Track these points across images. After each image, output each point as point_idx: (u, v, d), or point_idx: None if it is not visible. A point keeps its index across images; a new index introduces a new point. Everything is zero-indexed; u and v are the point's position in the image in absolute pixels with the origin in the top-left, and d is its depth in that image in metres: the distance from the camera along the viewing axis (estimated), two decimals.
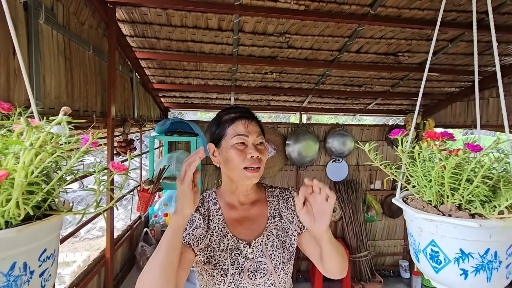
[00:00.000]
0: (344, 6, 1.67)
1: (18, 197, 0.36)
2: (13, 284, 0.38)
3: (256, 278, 0.82)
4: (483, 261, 0.46)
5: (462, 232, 0.47)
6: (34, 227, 0.39)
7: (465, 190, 0.49)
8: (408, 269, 3.43)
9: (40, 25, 1.04)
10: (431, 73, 2.47)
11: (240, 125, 0.84)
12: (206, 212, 0.88)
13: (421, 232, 0.53)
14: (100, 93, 1.56)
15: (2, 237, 0.37)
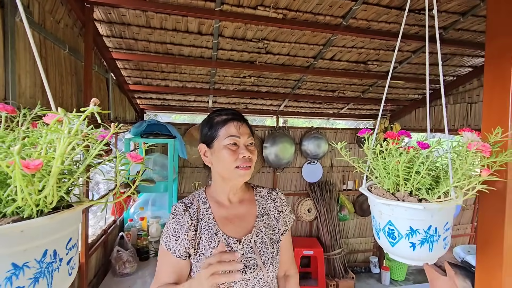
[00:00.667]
0: (319, 17, 1.78)
1: (54, 184, 0.38)
2: (45, 270, 0.40)
3: (246, 274, 0.85)
4: (426, 236, 0.56)
5: (411, 213, 0.56)
6: (64, 215, 0.41)
7: (414, 180, 0.58)
8: (377, 265, 3.63)
9: (16, 23, 1.02)
10: (396, 80, 2.67)
11: (232, 126, 0.88)
12: (195, 212, 0.91)
13: (381, 214, 0.62)
14: (75, 94, 1.52)
15: (37, 224, 0.38)
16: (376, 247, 3.78)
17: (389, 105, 3.28)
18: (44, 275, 0.41)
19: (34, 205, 0.42)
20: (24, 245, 0.39)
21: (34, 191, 0.41)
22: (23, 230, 0.39)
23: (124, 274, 1.96)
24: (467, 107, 2.62)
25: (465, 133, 0.58)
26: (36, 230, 0.40)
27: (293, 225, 3.48)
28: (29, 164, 0.37)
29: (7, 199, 0.43)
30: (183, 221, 0.88)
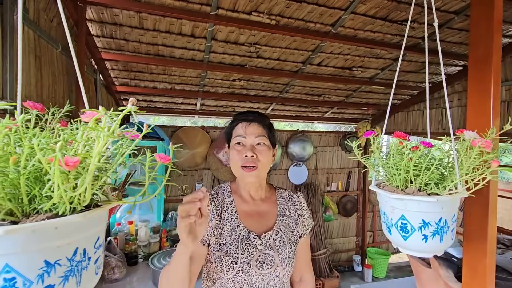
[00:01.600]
0: (310, 24, 1.86)
1: (90, 181, 0.39)
2: (75, 269, 0.39)
3: (263, 269, 0.88)
4: (438, 227, 0.62)
5: (424, 206, 0.62)
6: (95, 213, 0.42)
7: (424, 176, 0.64)
8: (360, 263, 3.77)
9: (15, 20, 0.99)
10: (377, 86, 2.82)
11: (239, 127, 0.93)
12: (220, 203, 0.94)
13: (393, 209, 0.68)
14: (67, 94, 1.48)
15: (71, 221, 0.39)
16: (359, 246, 3.92)
17: (371, 109, 3.44)
18: (74, 274, 0.41)
19: (68, 203, 0.42)
20: (57, 241, 0.39)
21: (70, 188, 0.41)
22: (58, 227, 0.39)
23: (113, 280, 1.90)
24: (442, 112, 2.82)
25: (466, 132, 0.65)
26: (70, 227, 0.40)
27: None
28: (69, 161, 0.38)
29: (42, 196, 0.43)
30: (209, 209, 0.90)
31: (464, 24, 2.00)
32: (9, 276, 0.35)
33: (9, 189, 0.41)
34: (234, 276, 0.86)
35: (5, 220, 0.39)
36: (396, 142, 0.68)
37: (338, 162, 3.79)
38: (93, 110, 0.46)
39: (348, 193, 3.82)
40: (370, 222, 3.96)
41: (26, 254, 0.36)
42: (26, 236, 0.36)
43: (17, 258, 0.36)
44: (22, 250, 0.36)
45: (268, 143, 0.94)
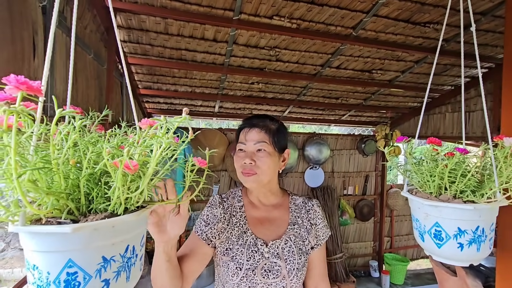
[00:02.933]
0: (330, 27, 1.86)
1: (146, 184, 0.42)
2: (126, 265, 0.43)
3: (269, 278, 0.85)
4: (474, 236, 0.61)
5: (459, 214, 0.62)
6: (144, 214, 0.45)
7: (459, 183, 0.64)
8: (377, 269, 3.69)
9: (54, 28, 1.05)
10: (397, 89, 2.78)
11: (241, 134, 0.92)
12: (229, 208, 0.94)
13: (427, 216, 0.67)
14: (97, 98, 1.55)
15: (126, 220, 0.42)
16: (376, 252, 3.85)
17: (390, 112, 3.39)
18: (125, 269, 0.44)
19: (124, 203, 0.46)
20: (113, 239, 0.42)
21: (127, 189, 0.45)
22: (114, 226, 0.42)
23: None
24: (465, 116, 2.74)
25: (506, 139, 0.64)
26: (124, 226, 0.44)
27: None
28: (130, 165, 0.42)
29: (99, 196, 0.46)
30: (216, 211, 0.92)
31: (491, 25, 1.94)
32: (72, 271, 0.39)
33: (71, 190, 0.44)
34: (238, 283, 0.85)
35: (66, 219, 0.42)
36: (430, 148, 0.68)
37: (355, 166, 3.75)
38: (154, 119, 0.49)
39: (365, 197, 3.76)
40: (387, 227, 3.88)
41: (87, 250, 0.40)
42: (88, 233, 0.40)
43: (79, 254, 0.39)
44: (83, 247, 0.39)
45: (269, 149, 0.90)
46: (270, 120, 0.95)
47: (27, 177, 0.39)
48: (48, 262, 0.39)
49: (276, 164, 0.93)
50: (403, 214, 3.93)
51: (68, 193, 0.42)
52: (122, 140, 0.50)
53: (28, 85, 0.39)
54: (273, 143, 0.90)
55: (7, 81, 0.38)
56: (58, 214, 0.41)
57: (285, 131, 0.98)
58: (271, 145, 0.90)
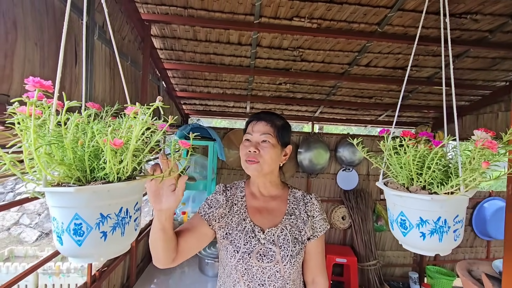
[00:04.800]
0: (353, 25, 1.84)
1: (130, 157, 0.54)
2: (120, 222, 0.54)
3: (263, 262, 0.92)
4: (436, 226, 0.60)
5: (420, 204, 0.61)
6: (134, 183, 0.56)
7: (426, 175, 0.63)
8: (417, 282, 3.42)
9: (94, 41, 1.27)
10: (438, 86, 2.57)
11: (249, 126, 1.01)
12: (231, 196, 1.04)
13: (394, 205, 0.68)
14: (134, 99, 1.77)
15: (118, 187, 0.54)
16: (416, 262, 3.56)
17: (432, 112, 3.14)
18: (119, 226, 0.55)
19: (116, 173, 0.57)
20: (108, 201, 0.53)
21: (117, 162, 0.56)
22: (109, 190, 0.54)
23: None
24: None
25: (477, 132, 0.62)
26: (117, 191, 0.55)
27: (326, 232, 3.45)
28: (116, 142, 0.53)
29: (99, 167, 0.59)
30: (219, 198, 1.01)
31: None
32: (78, 222, 0.51)
33: (78, 163, 0.57)
34: (235, 264, 0.93)
35: (75, 184, 0.55)
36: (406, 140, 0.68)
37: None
38: (132, 105, 0.60)
39: None
40: None
41: (89, 208, 0.52)
42: (89, 195, 0.51)
43: (83, 210, 0.51)
44: (86, 205, 0.51)
45: (273, 141, 0.96)
46: (276, 117, 1.03)
47: (43, 150, 0.52)
48: (61, 215, 0.52)
49: (278, 156, 0.99)
50: None
51: (76, 164, 0.55)
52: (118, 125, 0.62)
53: (41, 84, 0.53)
54: (277, 136, 0.98)
55: (27, 81, 0.52)
56: (70, 180, 0.54)
57: (289, 128, 1.06)
58: (275, 138, 0.97)
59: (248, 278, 0.93)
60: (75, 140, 0.57)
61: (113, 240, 0.53)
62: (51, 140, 0.53)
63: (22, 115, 0.51)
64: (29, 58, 0.88)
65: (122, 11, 1.54)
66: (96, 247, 0.51)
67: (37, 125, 0.55)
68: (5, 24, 0.79)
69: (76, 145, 0.57)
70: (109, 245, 0.53)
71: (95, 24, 1.25)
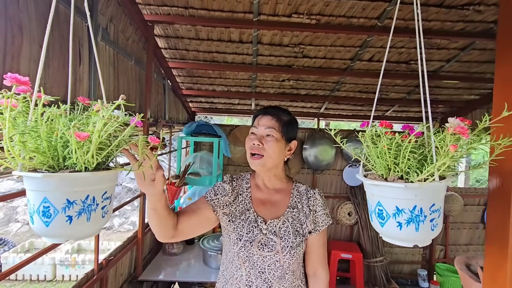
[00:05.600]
0: (352, 20, 1.84)
1: (94, 150, 0.58)
2: (86, 209, 0.59)
3: (264, 251, 0.96)
4: (412, 215, 0.62)
5: (396, 193, 0.63)
6: (100, 174, 0.61)
7: (402, 164, 0.65)
8: (426, 279, 3.37)
9: (98, 42, 1.34)
10: (445, 80, 2.52)
11: (256, 119, 1.04)
12: (237, 187, 1.07)
13: (372, 196, 0.70)
14: (138, 97, 1.85)
15: (84, 176, 0.59)
16: (425, 260, 3.51)
17: (440, 106, 3.07)
18: (85, 212, 0.60)
19: (83, 163, 0.62)
20: (75, 188, 0.58)
21: (83, 153, 0.61)
22: (76, 178, 0.58)
23: (171, 253, 2.25)
24: None
25: (450, 119, 0.63)
26: (83, 180, 0.59)
27: (332, 228, 3.46)
28: (81, 135, 0.57)
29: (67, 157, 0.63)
30: (226, 186, 1.05)
31: None
32: (46, 205, 0.56)
33: (53, 151, 0.62)
34: (237, 251, 0.97)
35: (47, 170, 0.61)
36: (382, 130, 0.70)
37: None
38: (94, 102, 0.64)
39: None
40: (440, 235, 3.50)
41: (56, 192, 0.57)
42: (57, 181, 0.57)
43: (51, 194, 0.57)
44: (54, 190, 0.57)
45: (277, 136, 0.98)
46: (283, 112, 1.06)
47: (18, 139, 0.57)
48: (33, 197, 0.58)
49: (282, 151, 1.02)
50: (461, 222, 3.49)
51: (51, 153, 0.60)
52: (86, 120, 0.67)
53: (17, 79, 0.58)
54: (281, 131, 1.00)
55: (5, 77, 0.58)
56: (43, 167, 0.60)
57: (295, 124, 1.08)
58: (280, 132, 1.00)
59: (249, 265, 0.97)
60: (51, 131, 0.61)
61: (78, 224, 0.58)
62: (24, 130, 0.59)
63: (2, 106, 0.57)
64: (34, 60, 0.95)
65: (125, 13, 1.62)
66: (62, 229, 0.57)
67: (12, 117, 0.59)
68: (11, 28, 0.86)
69: (51, 135, 0.61)
70: (75, 228, 0.58)
71: (98, 26, 1.32)
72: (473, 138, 0.62)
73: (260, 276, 0.96)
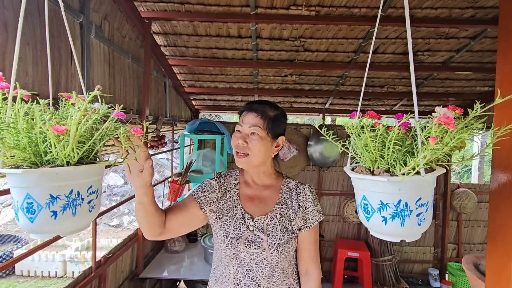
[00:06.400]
0: (354, 10, 1.77)
1: (73, 143, 0.57)
2: (71, 204, 0.58)
3: (250, 248, 0.94)
4: (397, 210, 0.57)
5: (379, 186, 0.58)
6: (83, 168, 0.60)
7: (387, 156, 0.60)
8: (438, 278, 3.26)
9: (91, 39, 1.33)
10: (456, 71, 2.41)
11: (241, 116, 1.00)
12: (224, 183, 1.05)
13: (357, 190, 0.65)
14: (136, 95, 1.85)
15: (64, 170, 0.57)
16: (437, 259, 3.39)
17: (452, 99, 2.94)
18: (70, 207, 0.59)
19: (64, 158, 0.60)
20: (57, 183, 0.57)
21: (62, 147, 0.59)
22: (58, 173, 0.57)
23: (173, 251, 2.25)
24: None
25: (437, 108, 0.58)
26: (65, 174, 0.58)
27: (338, 226, 3.39)
28: (58, 128, 0.55)
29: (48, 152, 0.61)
30: (213, 183, 1.03)
31: None
32: (29, 201, 0.55)
33: (34, 147, 0.60)
34: (224, 249, 0.95)
35: (28, 166, 0.59)
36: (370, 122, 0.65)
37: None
38: (68, 94, 0.62)
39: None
40: (453, 233, 3.37)
41: (39, 188, 0.56)
42: (38, 176, 0.55)
43: (34, 190, 0.55)
44: (36, 185, 0.55)
45: (262, 134, 0.95)
46: (269, 107, 1.00)
47: None
48: (16, 194, 0.57)
49: (268, 148, 0.98)
50: (475, 219, 3.35)
51: (32, 148, 0.59)
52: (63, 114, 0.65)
53: None
54: (266, 128, 0.95)
55: None
56: (24, 163, 0.59)
57: (283, 119, 1.03)
58: (264, 130, 0.95)
59: (236, 263, 0.95)
60: (32, 127, 0.59)
61: (63, 219, 0.57)
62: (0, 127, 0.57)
63: None
64: (21, 57, 0.95)
65: (121, 10, 1.61)
66: (47, 225, 0.55)
67: None
68: None
69: (31, 131, 0.59)
70: (60, 224, 0.57)
71: (91, 23, 1.32)
72: (462, 129, 0.57)
73: (248, 274, 0.94)
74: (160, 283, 2.31)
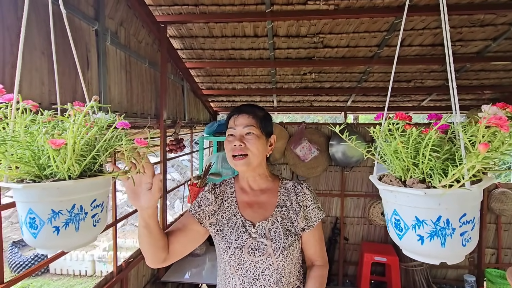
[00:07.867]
0: (376, 1, 1.66)
1: (72, 157, 0.54)
2: (73, 218, 0.56)
3: (255, 256, 0.90)
4: (436, 228, 0.49)
5: (414, 200, 0.50)
6: (85, 181, 0.57)
7: (423, 164, 0.52)
8: (475, 286, 3.01)
9: (107, 46, 1.34)
10: (493, 62, 2.20)
11: (231, 120, 0.97)
12: (220, 193, 1.02)
13: (386, 203, 0.57)
14: (154, 99, 1.85)
15: (65, 184, 0.55)
16: (473, 264, 3.14)
17: (488, 92, 2.70)
18: (72, 222, 0.56)
19: (65, 171, 0.57)
20: (59, 197, 0.55)
21: (62, 161, 0.56)
22: (59, 188, 0.55)
23: (195, 254, 2.24)
24: None
25: (484, 107, 0.49)
26: (67, 189, 0.55)
27: (364, 229, 3.24)
28: (56, 142, 0.53)
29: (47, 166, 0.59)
30: (208, 195, 1.00)
31: None
32: (32, 216, 0.54)
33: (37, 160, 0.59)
34: (228, 260, 0.91)
35: (34, 181, 0.57)
36: (401, 125, 0.57)
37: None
38: (64, 107, 0.59)
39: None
40: (491, 237, 3.11)
41: (41, 203, 0.54)
42: (39, 191, 0.54)
43: (36, 205, 0.54)
44: (38, 200, 0.54)
45: (257, 132, 0.94)
46: (257, 108, 1.01)
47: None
48: (20, 208, 0.56)
49: (264, 147, 0.97)
50: None
51: (36, 162, 0.57)
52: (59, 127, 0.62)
53: None
54: (260, 127, 0.95)
55: None
56: (28, 176, 0.57)
57: (270, 118, 1.04)
58: (259, 129, 0.95)
59: (242, 274, 0.91)
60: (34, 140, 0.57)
61: (66, 234, 0.54)
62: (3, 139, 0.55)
63: None
64: (37, 67, 0.96)
65: (136, 16, 1.61)
66: (50, 240, 0.54)
67: None
68: (10, 38, 0.87)
69: (33, 144, 0.57)
70: (63, 239, 0.55)
71: (106, 30, 1.32)
72: None
73: (254, 283, 0.90)
74: (182, 286, 2.31)
